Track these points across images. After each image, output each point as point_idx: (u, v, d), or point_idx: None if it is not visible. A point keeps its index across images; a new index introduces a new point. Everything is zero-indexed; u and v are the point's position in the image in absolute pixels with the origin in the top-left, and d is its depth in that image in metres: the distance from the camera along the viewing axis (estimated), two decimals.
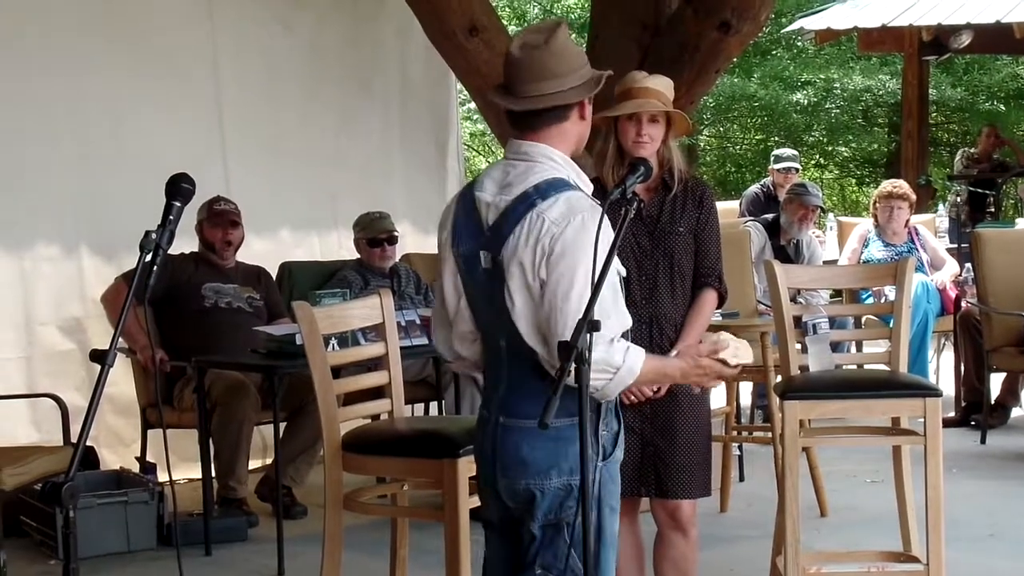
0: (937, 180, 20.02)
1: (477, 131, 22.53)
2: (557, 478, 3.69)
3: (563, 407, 3.55)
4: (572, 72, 3.71)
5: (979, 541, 6.67)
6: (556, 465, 3.69)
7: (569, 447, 3.65)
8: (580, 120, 3.77)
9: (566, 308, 3.58)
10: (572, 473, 3.66)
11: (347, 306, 5.69)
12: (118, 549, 6.74)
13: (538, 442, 3.68)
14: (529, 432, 3.68)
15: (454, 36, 7.35)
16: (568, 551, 3.71)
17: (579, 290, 3.55)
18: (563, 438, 3.66)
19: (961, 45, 15.09)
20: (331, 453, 4.99)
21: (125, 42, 8.34)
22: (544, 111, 3.72)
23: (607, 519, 3.75)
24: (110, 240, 8.06)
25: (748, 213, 11.53)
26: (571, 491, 3.68)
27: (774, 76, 22.60)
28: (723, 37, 7.21)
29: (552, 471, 3.69)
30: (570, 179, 3.71)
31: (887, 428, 5.67)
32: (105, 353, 3.34)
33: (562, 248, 3.59)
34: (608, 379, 3.60)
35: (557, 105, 3.71)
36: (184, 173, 3.54)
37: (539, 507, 3.72)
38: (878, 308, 8.35)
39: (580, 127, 3.78)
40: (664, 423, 4.83)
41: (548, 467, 3.70)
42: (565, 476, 3.68)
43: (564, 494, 3.70)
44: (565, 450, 3.67)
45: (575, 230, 3.59)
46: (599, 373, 3.54)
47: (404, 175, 9.92)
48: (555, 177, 3.69)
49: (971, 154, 15.81)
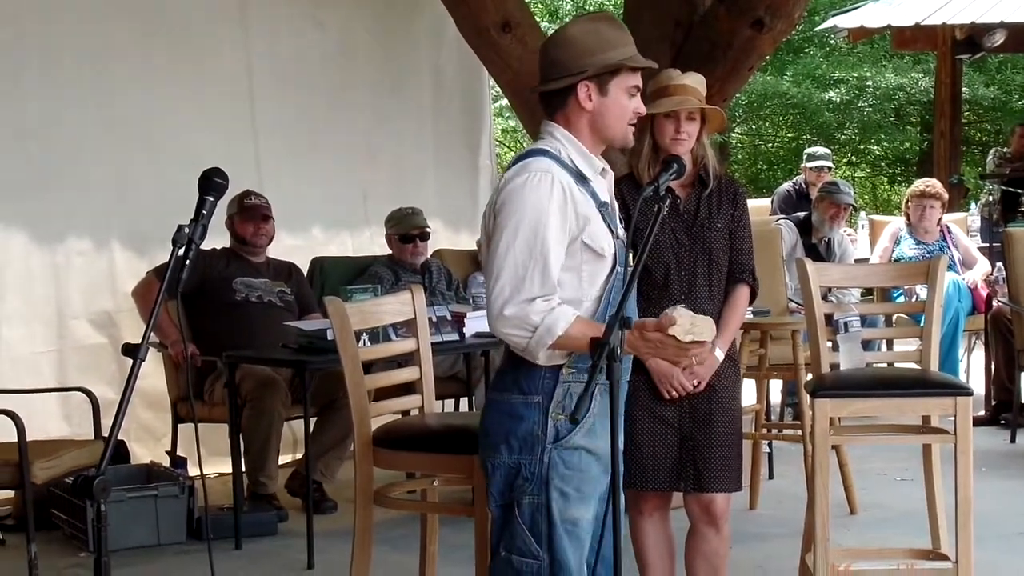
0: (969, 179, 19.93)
1: (509, 127, 22.53)
2: (507, 455, 3.78)
3: (517, 384, 3.66)
4: (577, 59, 3.81)
5: (1009, 539, 6.65)
6: (505, 441, 3.78)
7: (519, 425, 3.76)
8: (580, 107, 3.83)
9: (494, 260, 3.70)
10: (521, 452, 3.76)
11: (378, 302, 5.69)
12: (148, 543, 6.77)
13: (494, 415, 3.83)
14: (490, 405, 3.86)
15: (487, 33, 7.36)
16: (522, 532, 3.77)
17: (508, 242, 3.66)
18: (514, 415, 3.77)
19: (994, 44, 15.00)
20: (361, 448, 5.00)
21: (159, 37, 8.37)
22: (547, 95, 3.88)
23: (557, 503, 3.78)
24: (142, 234, 8.09)
25: (780, 211, 11.50)
26: (519, 470, 3.76)
27: (807, 74, 22.56)
28: (756, 35, 7.20)
29: (502, 447, 3.79)
30: (559, 152, 3.80)
31: (917, 426, 5.65)
32: (137, 347, 3.36)
33: (503, 200, 3.73)
34: (527, 337, 3.68)
35: (555, 90, 3.84)
36: (217, 168, 3.55)
37: (493, 484, 3.83)
38: (909, 307, 8.33)
39: (588, 113, 3.84)
40: (704, 417, 4.84)
41: (498, 442, 3.79)
42: (515, 454, 3.77)
43: (513, 473, 3.78)
44: (515, 427, 3.77)
45: (519, 185, 3.71)
46: (516, 330, 3.67)
47: (436, 172, 9.92)
48: (537, 147, 3.82)
49: (1004, 153, 15.70)
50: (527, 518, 3.78)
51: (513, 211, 3.69)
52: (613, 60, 3.80)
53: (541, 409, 3.75)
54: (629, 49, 3.86)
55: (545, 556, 3.78)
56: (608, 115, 3.84)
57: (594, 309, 3.78)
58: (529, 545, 3.78)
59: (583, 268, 3.78)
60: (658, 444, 4.81)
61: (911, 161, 24.50)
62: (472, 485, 4.78)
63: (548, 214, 3.66)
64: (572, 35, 3.85)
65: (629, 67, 3.83)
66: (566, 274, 3.76)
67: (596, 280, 3.80)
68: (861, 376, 5.51)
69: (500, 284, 3.68)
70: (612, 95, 3.83)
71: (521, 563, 3.80)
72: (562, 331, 3.65)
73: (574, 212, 3.72)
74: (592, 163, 3.86)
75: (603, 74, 3.80)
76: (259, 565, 6.58)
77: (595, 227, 3.77)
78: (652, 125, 4.83)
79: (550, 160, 3.76)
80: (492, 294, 3.70)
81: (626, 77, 3.84)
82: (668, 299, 4.72)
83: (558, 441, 3.76)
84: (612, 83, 3.82)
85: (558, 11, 22.90)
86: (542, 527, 3.76)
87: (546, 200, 3.67)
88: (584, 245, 3.76)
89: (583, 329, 3.66)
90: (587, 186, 3.81)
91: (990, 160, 15.83)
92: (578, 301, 3.77)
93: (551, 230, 3.66)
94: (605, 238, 3.80)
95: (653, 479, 4.84)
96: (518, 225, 3.67)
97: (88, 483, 3.18)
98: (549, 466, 3.75)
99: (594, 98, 3.81)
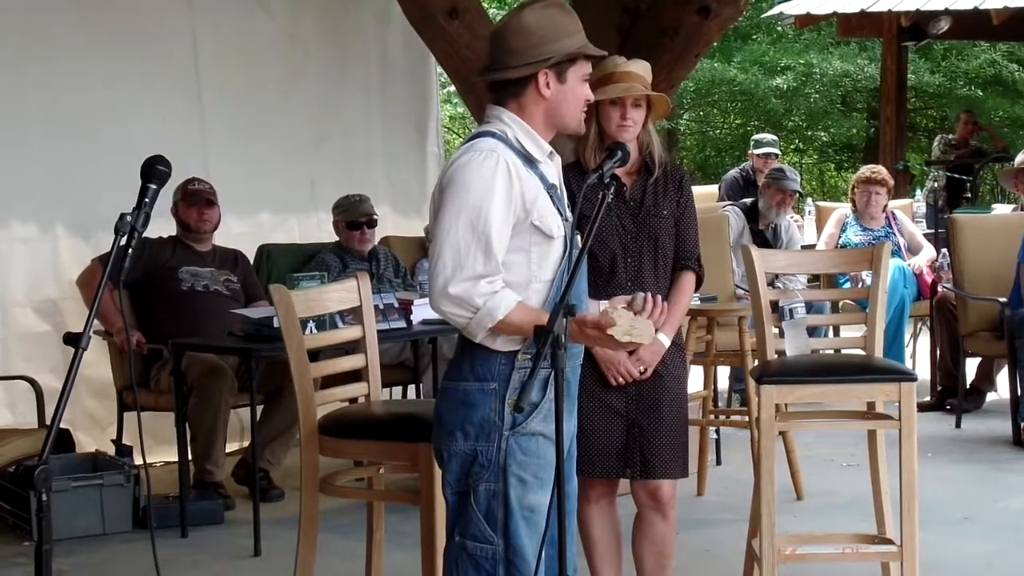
0: (915, 166, 20.05)
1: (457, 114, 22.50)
2: (463, 442, 3.79)
3: (472, 371, 3.67)
4: (531, 48, 3.80)
5: (954, 524, 6.71)
6: (461, 428, 3.78)
7: (474, 412, 3.77)
8: (539, 95, 3.83)
9: (437, 237, 3.72)
10: (477, 439, 3.76)
11: (324, 289, 5.67)
12: (94, 532, 6.74)
13: (449, 403, 3.83)
14: (444, 392, 3.85)
15: (434, 19, 7.33)
16: (477, 519, 3.78)
17: (451, 220, 3.68)
18: (469, 402, 3.78)
19: (939, 31, 15.08)
20: (307, 436, 4.98)
21: (103, 23, 8.32)
22: (500, 84, 3.86)
23: (516, 489, 3.78)
24: (86, 222, 8.03)
25: (727, 197, 11.54)
26: (476, 457, 3.77)
27: (754, 61, 22.62)
28: (703, 21, 7.20)
29: (457, 433, 3.79)
30: (505, 134, 3.80)
31: (862, 412, 5.68)
32: (79, 336, 3.33)
33: (448, 179, 3.74)
34: (468, 318, 3.69)
35: (509, 79, 3.82)
36: (160, 155, 3.53)
37: (449, 471, 3.83)
38: (854, 293, 8.36)
39: (544, 102, 3.84)
40: (650, 404, 4.84)
41: (453, 428, 3.80)
42: (471, 441, 3.78)
43: (470, 460, 3.78)
44: (470, 414, 3.78)
45: (464, 163, 3.72)
46: (458, 308, 3.69)
47: (384, 158, 9.90)
48: (485, 129, 3.83)
49: (949, 140, 15.86)
50: (482, 505, 3.78)
51: (458, 190, 3.70)
52: (571, 48, 3.80)
53: (497, 396, 3.75)
54: (583, 36, 3.86)
55: (500, 542, 3.78)
56: (566, 103, 3.84)
57: (546, 292, 3.78)
58: (484, 531, 3.78)
59: (532, 249, 3.78)
60: (604, 431, 4.81)
61: (858, 148, 24.61)
62: (418, 473, 4.77)
63: (492, 192, 3.67)
64: (528, 23, 3.82)
65: (585, 55, 3.84)
66: (516, 255, 3.76)
67: (545, 262, 3.80)
68: (806, 362, 5.53)
69: (442, 261, 3.68)
70: (570, 83, 3.83)
71: (476, 548, 3.80)
72: (503, 315, 3.66)
73: (520, 192, 3.72)
74: (541, 145, 3.86)
75: (562, 63, 3.80)
76: (205, 553, 6.56)
77: (543, 208, 3.77)
78: (598, 112, 4.82)
79: (497, 140, 3.77)
80: (434, 271, 3.71)
81: (582, 65, 3.85)
82: (615, 286, 4.73)
83: (515, 428, 3.76)
84: (570, 71, 3.82)
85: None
86: (498, 513, 3.77)
87: (490, 178, 3.67)
88: (533, 227, 3.76)
89: (525, 315, 3.67)
90: (535, 168, 3.81)
91: (936, 146, 15.97)
92: (527, 283, 3.78)
93: (495, 208, 3.66)
94: (554, 219, 3.80)
95: (599, 466, 4.84)
96: (462, 203, 3.68)
97: (29, 473, 3.15)
98: (507, 453, 3.76)
99: (552, 86, 3.81)
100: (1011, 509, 7.05)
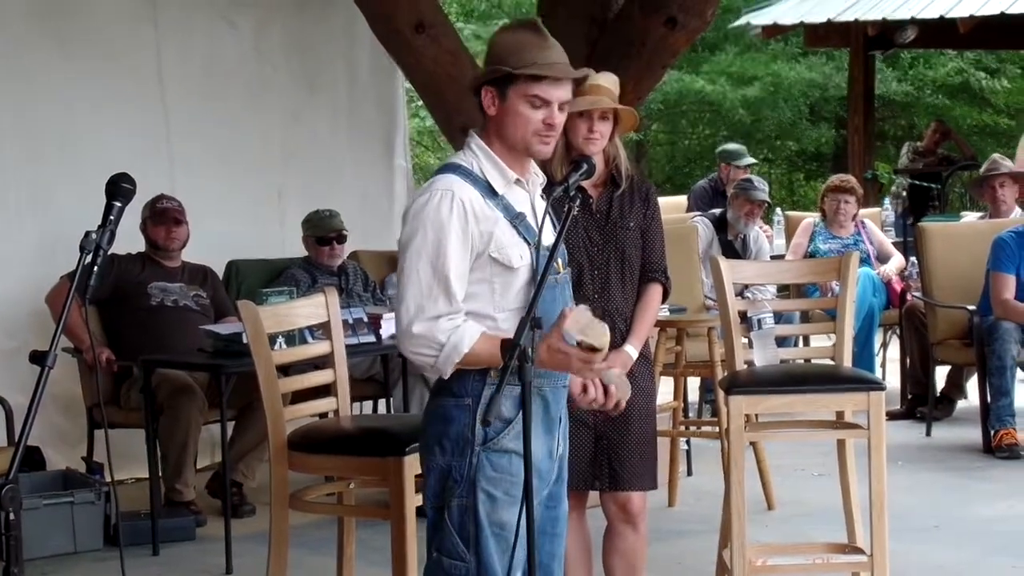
0: (884, 174, 20.12)
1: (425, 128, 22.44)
2: (440, 457, 3.81)
3: (448, 387, 3.70)
4: (488, 64, 3.85)
5: (924, 532, 6.73)
6: (439, 443, 3.81)
7: (450, 427, 3.79)
8: (485, 112, 3.85)
9: (400, 281, 3.77)
10: (452, 454, 3.78)
11: (293, 304, 5.68)
12: (65, 550, 6.70)
13: (429, 419, 3.87)
14: (427, 408, 3.91)
15: (401, 33, 7.33)
16: (450, 535, 3.80)
17: (412, 263, 3.73)
18: (446, 417, 3.81)
19: (906, 40, 15.18)
20: (277, 452, 4.98)
21: (70, 39, 8.30)
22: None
23: (484, 505, 3.78)
24: (54, 239, 7.97)
25: (696, 208, 11.55)
26: (450, 472, 3.78)
27: (721, 71, 22.66)
28: (669, 33, 7.22)
29: (436, 448, 3.82)
30: (471, 166, 3.82)
31: (832, 422, 5.70)
32: (44, 355, 3.32)
33: (407, 220, 3.78)
34: (435, 355, 3.72)
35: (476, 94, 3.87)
36: (124, 173, 3.53)
37: (429, 486, 3.85)
38: (823, 303, 8.38)
39: (492, 119, 3.84)
40: (619, 417, 4.81)
41: (432, 444, 3.83)
42: (447, 456, 3.79)
43: (445, 475, 3.80)
44: (447, 430, 3.80)
45: (421, 205, 3.75)
46: (424, 348, 3.72)
47: (352, 173, 9.88)
48: (451, 162, 3.87)
49: (916, 147, 15.91)
50: (455, 520, 3.78)
51: (414, 231, 3.73)
52: (513, 66, 3.76)
53: (470, 412, 3.76)
54: (540, 55, 3.78)
55: (472, 559, 3.78)
56: (507, 122, 3.80)
57: (515, 320, 3.71)
58: (456, 547, 3.78)
59: (494, 280, 3.79)
60: (573, 444, 4.79)
61: (826, 157, 24.66)
62: (388, 487, 4.77)
63: (448, 233, 3.69)
64: (494, 42, 3.87)
65: (533, 76, 3.76)
66: (479, 286, 3.78)
67: (508, 292, 3.81)
68: (775, 372, 5.56)
69: (405, 304, 3.73)
70: (510, 102, 3.78)
71: (450, 565, 3.81)
72: (468, 348, 3.68)
73: (476, 229, 3.73)
74: (505, 174, 3.83)
75: (501, 80, 3.77)
76: (177, 570, 6.54)
77: (501, 239, 3.77)
78: (565, 125, 4.82)
79: (457, 177, 3.77)
80: (399, 314, 3.76)
81: (525, 85, 3.76)
82: (581, 297, 4.72)
83: (486, 443, 3.76)
84: (510, 90, 3.77)
85: (474, 11, 22.85)
86: (470, 529, 3.77)
87: (446, 219, 3.70)
88: (491, 259, 3.77)
89: (490, 344, 3.69)
90: (497, 200, 3.80)
91: (903, 155, 16.03)
92: (490, 315, 3.78)
93: (451, 248, 3.69)
94: (515, 249, 3.79)
95: (569, 478, 4.83)
96: (420, 246, 3.71)
97: None
98: (477, 468, 3.76)
99: (496, 104, 3.80)
100: (981, 517, 7.07)
